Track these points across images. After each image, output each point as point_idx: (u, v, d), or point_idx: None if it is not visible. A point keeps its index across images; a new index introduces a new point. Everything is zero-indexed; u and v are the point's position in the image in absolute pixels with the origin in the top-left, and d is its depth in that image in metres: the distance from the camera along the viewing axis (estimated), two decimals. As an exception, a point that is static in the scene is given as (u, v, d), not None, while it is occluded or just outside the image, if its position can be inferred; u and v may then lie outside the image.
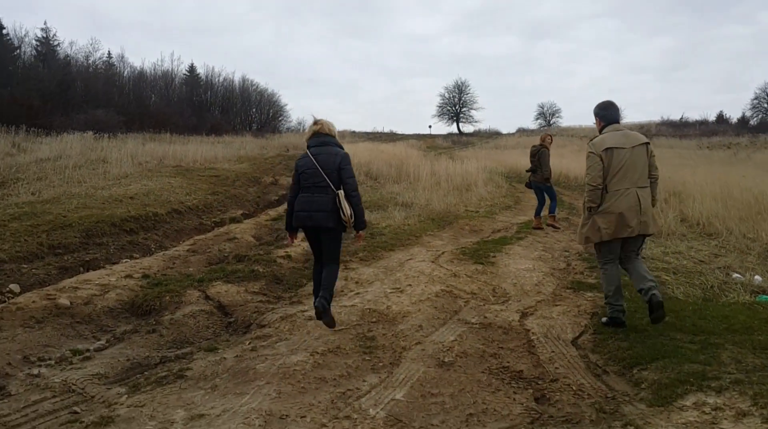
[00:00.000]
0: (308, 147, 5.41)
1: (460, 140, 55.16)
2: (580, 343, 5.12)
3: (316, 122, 5.48)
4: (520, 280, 7.19)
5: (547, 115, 75.02)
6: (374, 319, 5.69)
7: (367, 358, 4.69)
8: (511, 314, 5.87)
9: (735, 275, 7.62)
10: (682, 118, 59.96)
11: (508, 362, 4.63)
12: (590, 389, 4.16)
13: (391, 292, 6.55)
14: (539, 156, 11.34)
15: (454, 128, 71.31)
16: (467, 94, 72.01)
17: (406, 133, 60.83)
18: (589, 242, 5.52)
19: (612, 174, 5.18)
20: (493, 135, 60.27)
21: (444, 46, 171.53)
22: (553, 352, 4.86)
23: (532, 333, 5.30)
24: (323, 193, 5.20)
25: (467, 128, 70.76)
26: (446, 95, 72.53)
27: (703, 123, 57.43)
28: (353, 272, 7.63)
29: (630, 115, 76.20)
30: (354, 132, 57.91)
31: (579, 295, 6.44)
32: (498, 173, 22.63)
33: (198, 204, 13.73)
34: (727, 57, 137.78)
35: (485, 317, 5.75)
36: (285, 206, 15.70)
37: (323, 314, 5.13)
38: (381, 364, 4.59)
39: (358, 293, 6.60)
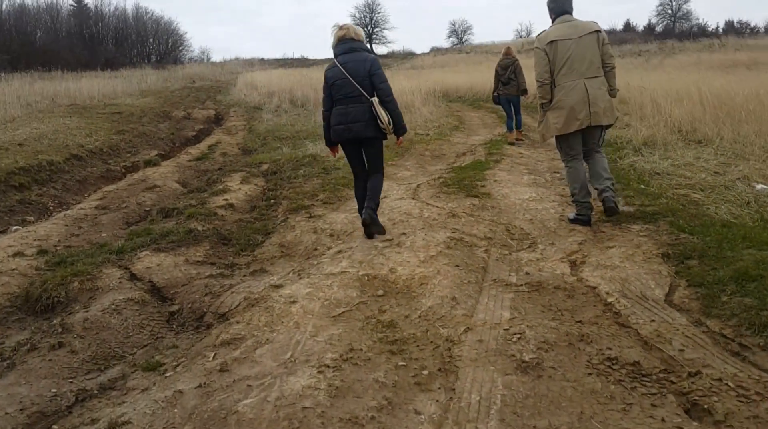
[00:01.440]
0: (335, 56, 4.98)
1: (374, 62, 52.63)
2: (678, 302, 3.65)
3: (341, 27, 5.03)
4: (535, 214, 5.66)
5: (459, 32, 72.88)
6: (380, 292, 4.00)
7: (402, 363, 3.04)
8: (555, 265, 4.34)
9: (759, 187, 6.43)
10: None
11: (609, 349, 3.09)
12: (754, 384, 2.71)
13: (385, 247, 4.85)
14: (514, 69, 10.67)
15: None
16: (378, 13, 68.58)
17: (319, 58, 57.54)
18: (546, 139, 5.46)
19: (558, 67, 4.99)
20: (408, 55, 57.80)
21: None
22: (652, 321, 3.37)
23: (605, 292, 3.79)
24: (357, 102, 4.87)
25: (381, 50, 67.56)
26: (357, 16, 68.63)
27: (611, 32, 57.25)
28: (321, 221, 5.87)
29: (539, 28, 75.23)
30: (263, 59, 54.30)
31: (626, 231, 4.95)
32: (430, 93, 20.87)
33: (101, 146, 11.37)
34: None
35: (526, 273, 4.19)
36: (208, 143, 13.56)
37: (371, 225, 5.06)
38: (426, 372, 2.95)
39: (339, 251, 4.87)
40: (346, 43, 4.96)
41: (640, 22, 65.29)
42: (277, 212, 6.57)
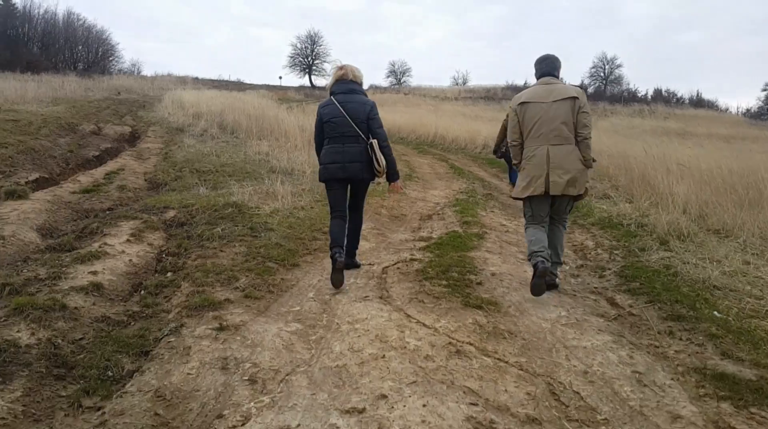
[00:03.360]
0: (333, 94, 4.76)
1: (313, 93, 50.32)
2: None
3: (340, 68, 4.85)
4: (587, 361, 3.37)
5: (398, 73, 71.27)
6: None
7: None
8: None
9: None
10: (525, 84, 59.66)
11: None
12: None
13: (355, 439, 2.48)
14: None
15: (306, 81, 65.28)
16: (320, 45, 65.68)
17: (255, 83, 54.73)
18: (518, 199, 4.84)
19: (527, 130, 4.60)
20: (346, 90, 55.93)
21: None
22: None
23: None
24: (354, 142, 4.65)
25: (320, 82, 65.15)
26: (298, 46, 65.69)
27: (545, 89, 57.23)
28: (237, 339, 3.42)
29: (475, 79, 74.66)
30: (197, 78, 50.97)
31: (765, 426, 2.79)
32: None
33: (-39, 164, 8.46)
34: (554, 28, 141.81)
35: None
36: (108, 168, 10.74)
37: (342, 270, 4.46)
38: None
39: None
40: (345, 84, 4.78)
41: (573, 82, 66.11)
42: (171, 305, 4.07)
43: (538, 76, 4.76)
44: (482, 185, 11.48)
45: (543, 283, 4.30)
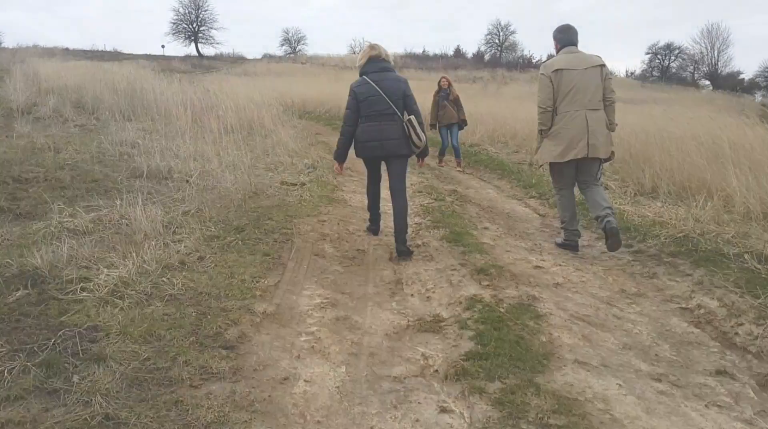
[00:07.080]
0: (365, 74, 4.57)
1: (201, 64, 44.69)
2: None
3: (372, 47, 4.67)
4: None
5: (293, 41, 65.53)
6: None
7: None
8: None
9: None
10: (424, 51, 56.84)
11: None
12: None
13: None
14: (455, 99, 9.85)
15: (192, 50, 57.68)
16: (206, 10, 58.26)
17: (135, 53, 48.11)
18: (543, 164, 4.98)
19: (562, 96, 4.56)
20: (239, 60, 50.08)
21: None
22: None
23: None
24: (390, 120, 4.50)
25: (208, 51, 57.67)
26: (181, 10, 57.90)
27: (443, 57, 54.75)
28: None
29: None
30: (68, 49, 43.94)
31: None
32: (278, 106, 14.95)
33: None
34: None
35: None
36: None
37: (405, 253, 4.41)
38: None
39: None
40: (377, 63, 4.61)
41: (469, 50, 63.73)
42: None
43: (562, 44, 4.73)
44: (434, 175, 8.37)
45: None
